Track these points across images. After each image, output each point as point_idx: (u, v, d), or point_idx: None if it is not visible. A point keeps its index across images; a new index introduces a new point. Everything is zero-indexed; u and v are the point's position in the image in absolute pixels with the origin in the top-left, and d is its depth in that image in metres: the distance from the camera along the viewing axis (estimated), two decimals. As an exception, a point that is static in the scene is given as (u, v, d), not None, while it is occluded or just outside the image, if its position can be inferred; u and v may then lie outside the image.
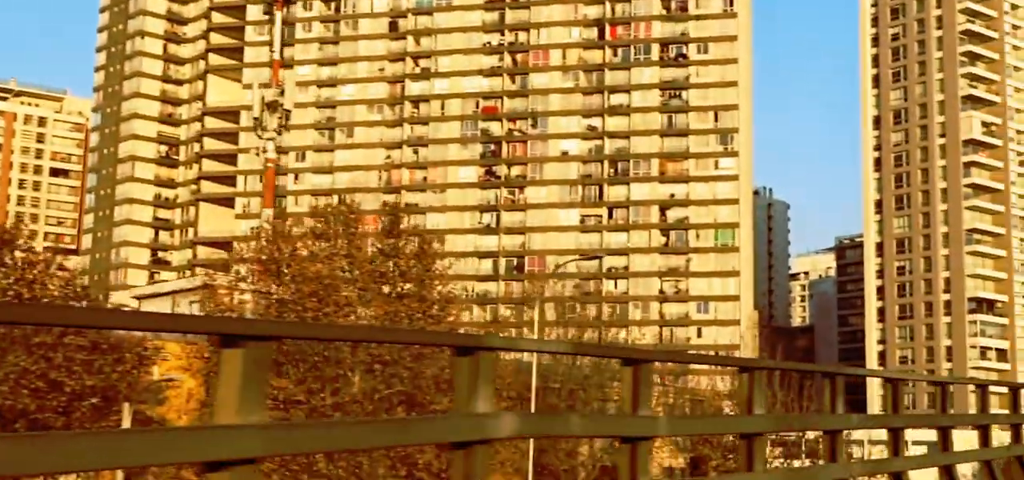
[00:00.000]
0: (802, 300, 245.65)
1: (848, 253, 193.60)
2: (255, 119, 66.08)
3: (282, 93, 66.66)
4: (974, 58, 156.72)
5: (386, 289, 49.56)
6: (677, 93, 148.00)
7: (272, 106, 65.98)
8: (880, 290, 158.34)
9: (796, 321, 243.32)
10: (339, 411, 39.49)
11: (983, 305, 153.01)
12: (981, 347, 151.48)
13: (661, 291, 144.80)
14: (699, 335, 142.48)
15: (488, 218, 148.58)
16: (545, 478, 54.45)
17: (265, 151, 67.20)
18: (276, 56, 71.25)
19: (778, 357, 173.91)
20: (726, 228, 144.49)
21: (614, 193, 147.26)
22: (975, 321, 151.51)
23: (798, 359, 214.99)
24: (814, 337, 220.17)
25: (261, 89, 67.24)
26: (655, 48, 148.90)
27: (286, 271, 44.88)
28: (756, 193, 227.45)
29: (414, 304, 49.26)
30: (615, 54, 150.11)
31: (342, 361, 41.19)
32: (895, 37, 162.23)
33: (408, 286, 50.59)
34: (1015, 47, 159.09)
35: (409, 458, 39.45)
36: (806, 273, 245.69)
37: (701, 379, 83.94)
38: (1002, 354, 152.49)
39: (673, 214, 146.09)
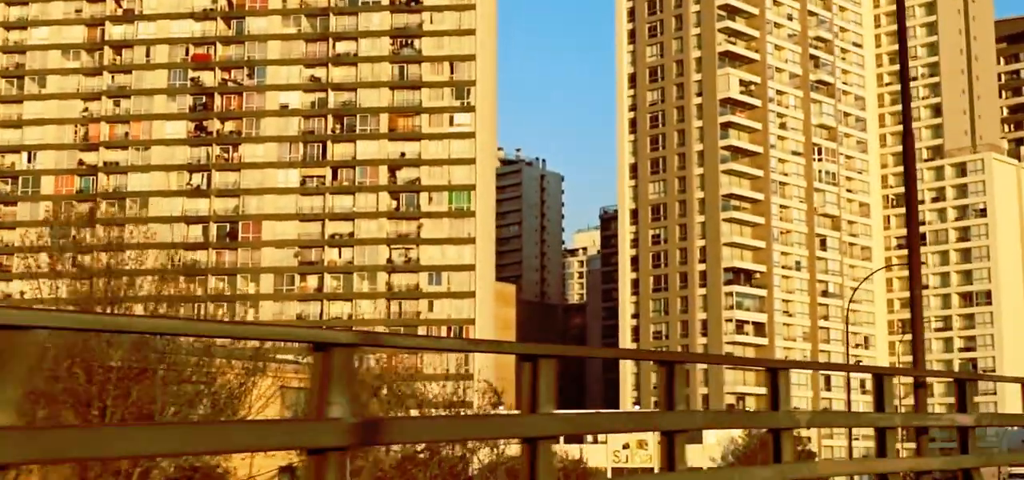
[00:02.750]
0: (581, 277, 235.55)
1: (612, 224, 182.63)
2: None
3: None
4: (733, 12, 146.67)
5: None
6: (409, 42, 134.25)
7: None
8: (635, 260, 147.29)
9: (575, 299, 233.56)
10: None
11: (740, 276, 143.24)
12: (738, 321, 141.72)
13: (390, 260, 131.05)
14: (431, 309, 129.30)
15: (198, 179, 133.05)
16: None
17: None
18: None
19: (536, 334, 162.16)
20: (462, 190, 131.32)
21: (339, 151, 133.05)
22: (731, 293, 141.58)
23: (573, 338, 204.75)
24: (586, 315, 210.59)
25: None
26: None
27: None
28: (528, 164, 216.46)
29: None
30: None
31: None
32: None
33: None
34: (776, 2, 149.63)
35: None
36: (585, 249, 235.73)
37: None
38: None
39: (404, 175, 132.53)
